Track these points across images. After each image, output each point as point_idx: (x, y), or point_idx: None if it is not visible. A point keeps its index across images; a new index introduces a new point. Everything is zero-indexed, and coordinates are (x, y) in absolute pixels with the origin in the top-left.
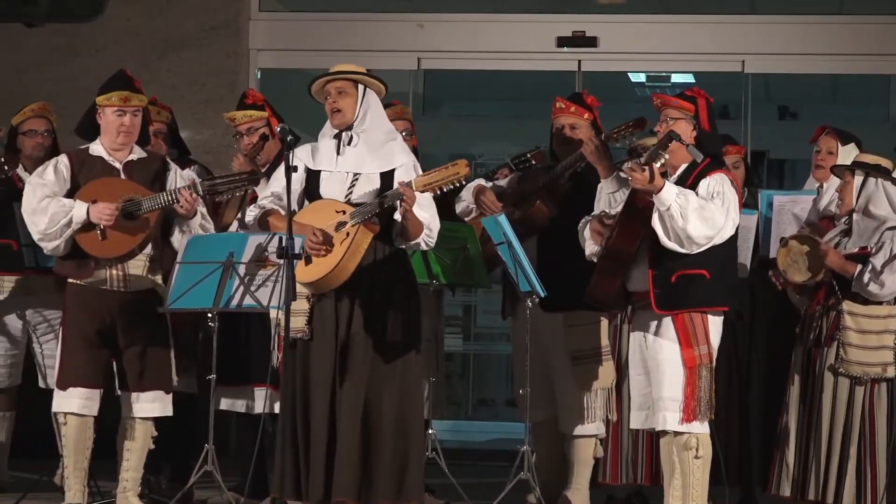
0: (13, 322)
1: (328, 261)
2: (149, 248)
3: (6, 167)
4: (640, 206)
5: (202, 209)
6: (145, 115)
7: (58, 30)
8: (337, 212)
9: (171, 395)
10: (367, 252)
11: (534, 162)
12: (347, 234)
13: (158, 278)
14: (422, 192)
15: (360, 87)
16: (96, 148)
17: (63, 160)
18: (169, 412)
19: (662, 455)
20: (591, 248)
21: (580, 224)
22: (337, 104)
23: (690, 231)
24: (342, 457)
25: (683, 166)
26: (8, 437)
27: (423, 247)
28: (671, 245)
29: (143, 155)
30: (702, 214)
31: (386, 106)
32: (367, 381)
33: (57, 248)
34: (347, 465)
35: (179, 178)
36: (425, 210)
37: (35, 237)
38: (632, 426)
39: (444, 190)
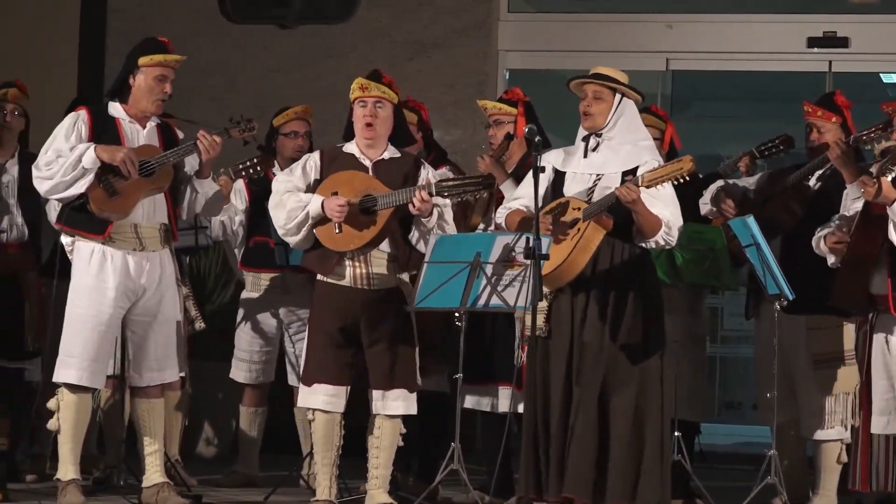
0: (268, 319)
1: (557, 256)
2: (387, 246)
3: (259, 167)
4: (876, 213)
5: (443, 211)
6: (400, 114)
7: (311, 31)
8: (573, 209)
9: (415, 394)
10: (604, 251)
11: (781, 147)
12: (579, 229)
13: (404, 276)
14: (647, 187)
15: (617, 94)
16: (350, 146)
17: (314, 157)
18: (413, 411)
19: None
20: (831, 258)
21: (814, 239)
22: (591, 108)
23: None
24: (574, 455)
25: None
26: (259, 433)
27: (663, 244)
28: None
29: (397, 155)
30: None
31: (643, 110)
32: (602, 381)
33: (299, 242)
34: (580, 463)
35: (430, 178)
36: (666, 206)
37: (279, 233)
38: (872, 430)
39: (674, 184)
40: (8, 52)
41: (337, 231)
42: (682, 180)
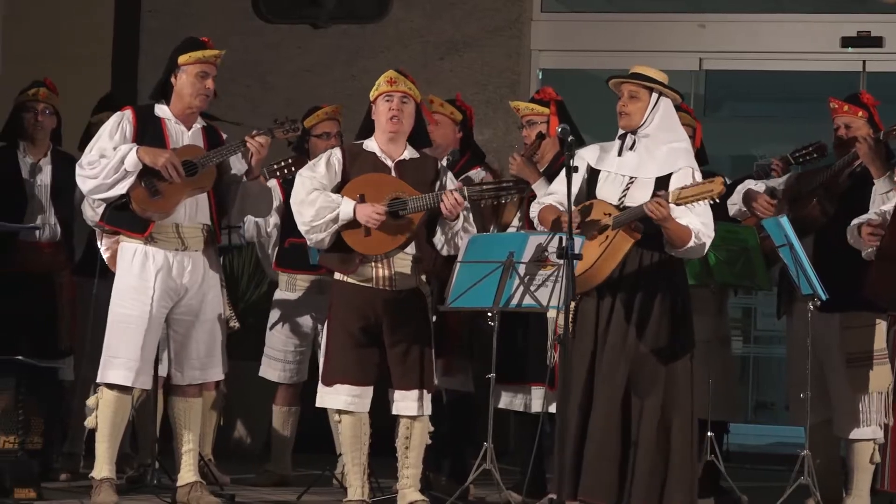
0: (303, 319)
1: (584, 261)
2: (412, 248)
3: (293, 167)
4: None
5: (467, 214)
6: (421, 114)
7: (344, 31)
8: (605, 214)
9: (430, 395)
10: (631, 258)
11: (815, 155)
12: (607, 237)
13: (423, 277)
14: (675, 204)
15: (654, 93)
16: (370, 144)
17: (336, 154)
18: (428, 411)
19: None
20: (866, 250)
21: (849, 229)
22: (626, 107)
23: None
24: (590, 457)
25: None
26: (292, 432)
27: (694, 255)
28: None
29: (416, 155)
30: None
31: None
32: (626, 383)
33: (321, 241)
34: (596, 465)
35: (450, 182)
36: (698, 216)
37: (301, 229)
38: None
39: (703, 204)
40: (42, 51)
41: (366, 235)
42: (712, 201)
